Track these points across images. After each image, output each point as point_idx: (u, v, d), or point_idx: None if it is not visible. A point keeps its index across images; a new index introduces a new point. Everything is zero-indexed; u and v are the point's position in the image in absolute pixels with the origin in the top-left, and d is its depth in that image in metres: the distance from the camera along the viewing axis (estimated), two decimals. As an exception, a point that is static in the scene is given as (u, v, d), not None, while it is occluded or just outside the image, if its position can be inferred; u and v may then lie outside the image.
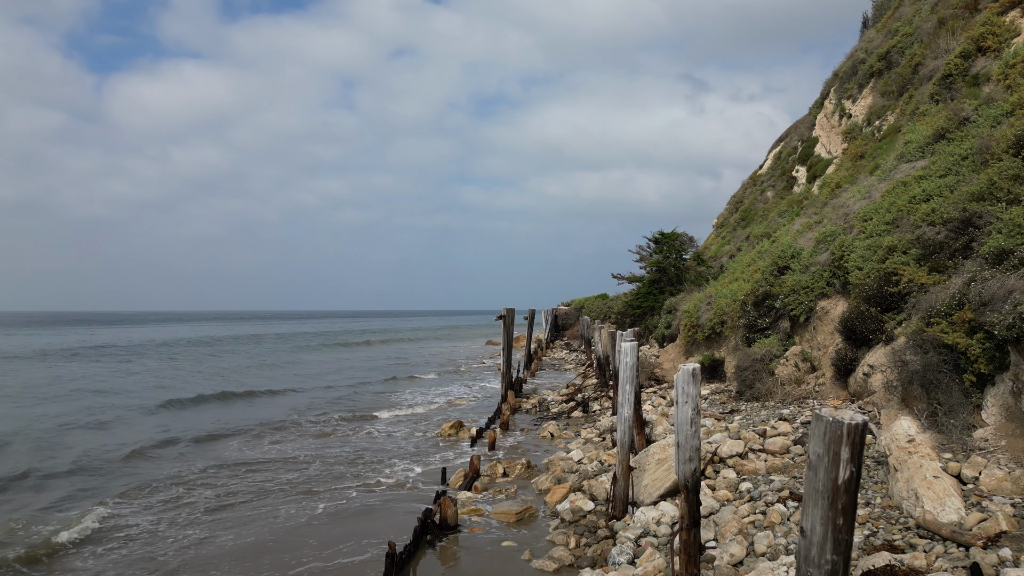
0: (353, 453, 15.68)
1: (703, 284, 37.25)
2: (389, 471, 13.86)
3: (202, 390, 27.15)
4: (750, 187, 61.85)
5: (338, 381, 32.44)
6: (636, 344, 9.84)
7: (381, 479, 13.21)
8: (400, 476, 13.42)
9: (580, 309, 59.46)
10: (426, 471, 13.73)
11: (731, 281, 22.98)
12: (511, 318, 22.94)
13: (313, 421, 20.49)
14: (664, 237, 39.75)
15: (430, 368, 40.13)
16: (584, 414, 19.70)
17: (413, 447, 16.04)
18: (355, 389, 28.81)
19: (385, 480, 13.11)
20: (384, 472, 13.77)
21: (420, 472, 13.72)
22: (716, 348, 20.71)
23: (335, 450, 16.09)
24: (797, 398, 15.09)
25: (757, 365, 16.71)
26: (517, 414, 20.84)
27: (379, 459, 14.87)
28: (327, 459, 15.11)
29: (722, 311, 20.02)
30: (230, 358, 47.04)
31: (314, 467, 14.38)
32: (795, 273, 18.15)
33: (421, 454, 15.22)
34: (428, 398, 25.27)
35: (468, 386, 28.45)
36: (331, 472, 13.97)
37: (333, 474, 13.77)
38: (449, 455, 15.13)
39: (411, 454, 15.24)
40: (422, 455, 15.14)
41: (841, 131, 34.75)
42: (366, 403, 24.56)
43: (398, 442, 16.85)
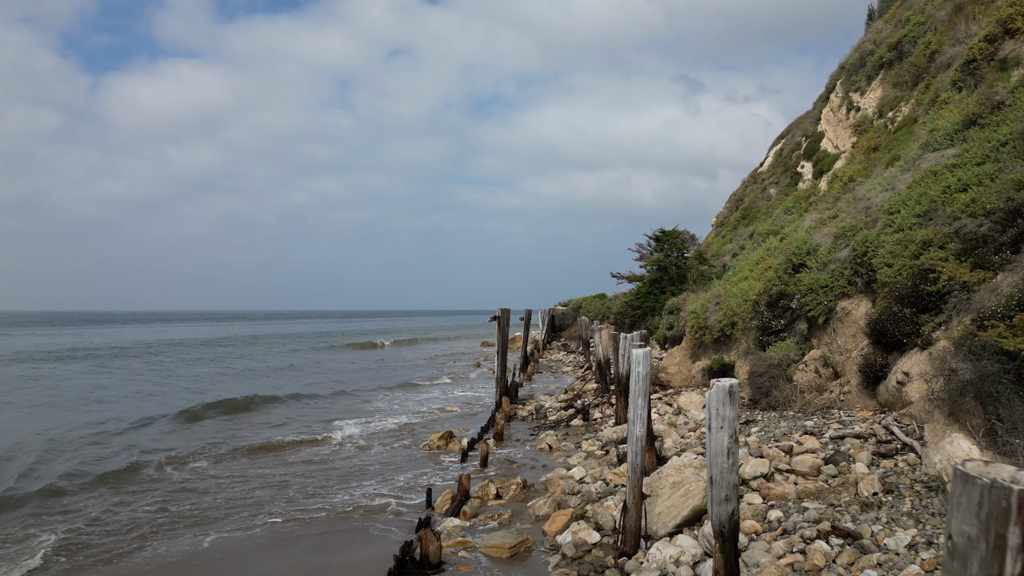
0: (329, 469, 14.25)
1: (706, 283, 35.96)
2: (367, 491, 12.45)
3: (189, 401, 25.63)
4: (751, 185, 60.66)
5: (320, 385, 30.99)
6: (649, 351, 8.45)
7: (358, 500, 11.80)
8: (380, 497, 12.01)
9: (577, 309, 58.10)
10: (410, 490, 12.32)
11: (740, 280, 21.63)
12: (506, 319, 21.56)
13: (285, 430, 19.05)
14: (665, 235, 38.40)
15: (421, 371, 38.71)
16: (584, 422, 18.32)
17: (398, 461, 14.62)
18: (337, 393, 27.37)
19: (363, 502, 11.70)
20: (362, 492, 12.36)
21: (403, 491, 12.31)
22: (725, 351, 19.35)
23: (304, 466, 14.64)
24: (820, 408, 13.72)
25: (774, 371, 15.35)
26: (513, 422, 19.45)
27: (359, 476, 13.44)
28: (296, 475, 13.68)
29: (732, 312, 18.66)
30: (223, 361, 45.52)
31: (279, 488, 12.93)
32: (812, 271, 16.81)
33: (405, 470, 13.80)
34: (417, 404, 23.84)
35: (461, 391, 27.04)
36: (303, 490, 12.56)
37: (305, 492, 12.36)
38: (436, 471, 13.72)
39: (395, 470, 13.82)
40: (406, 471, 13.72)
41: (850, 124, 33.43)
42: (348, 409, 23.12)
43: (382, 456, 15.42)
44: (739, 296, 18.95)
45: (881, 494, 8.84)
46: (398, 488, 12.38)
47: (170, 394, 27.32)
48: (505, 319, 21.25)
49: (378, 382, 31.54)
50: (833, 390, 14.04)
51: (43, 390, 29.00)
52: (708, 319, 19.71)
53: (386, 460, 14.75)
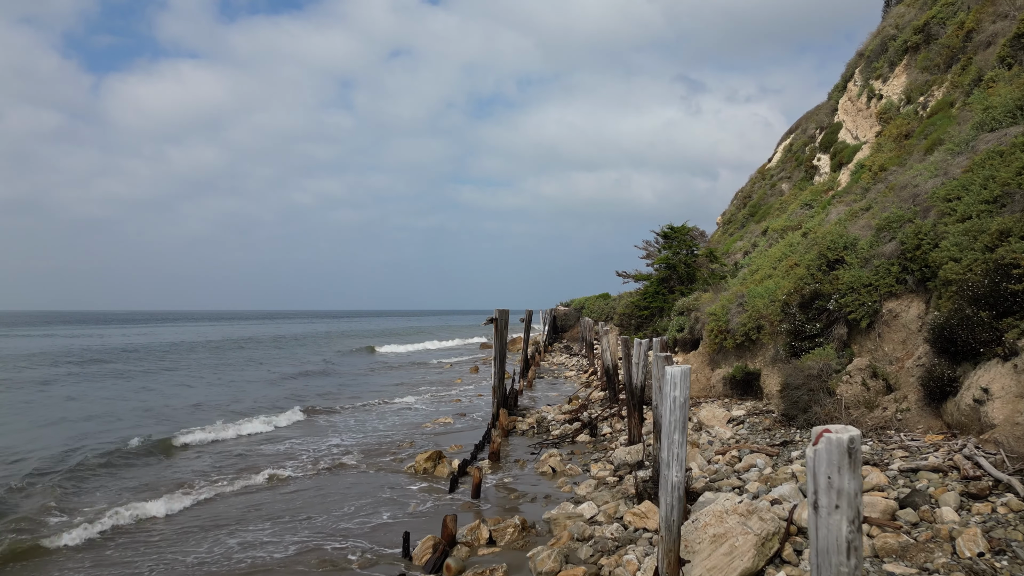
0: (291, 496, 12.18)
1: (717, 282, 33.94)
2: (334, 528, 10.39)
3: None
4: (759, 181, 58.84)
5: (305, 391, 28.97)
6: (688, 370, 6.39)
7: (320, 542, 9.74)
8: (349, 538, 9.93)
9: (580, 310, 56.09)
10: (386, 530, 10.25)
11: (762, 278, 19.56)
12: (504, 321, 19.48)
13: (244, 453, 17.00)
14: (673, 232, 36.33)
15: (414, 375, 36.66)
16: (592, 438, 16.26)
17: (375, 490, 12.54)
18: (317, 401, 25.32)
19: (325, 545, 9.62)
20: (328, 529, 10.29)
21: (377, 531, 10.25)
22: (749, 358, 17.28)
23: (260, 495, 12.58)
24: (873, 427, 11.65)
25: (813, 383, 13.27)
26: (511, 436, 17.40)
27: (325, 508, 11.36)
28: (244, 507, 11.61)
29: (758, 314, 16.59)
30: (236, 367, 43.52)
31: (213, 528, 10.86)
32: (852, 268, 14.74)
33: (383, 501, 11.71)
34: (407, 414, 21.77)
35: (456, 399, 24.97)
36: (253, 527, 10.50)
37: (254, 532, 10.31)
38: (420, 503, 11.64)
39: (370, 502, 11.73)
40: (384, 504, 11.64)
41: (873, 113, 31.35)
42: (325, 420, 21.07)
43: (358, 481, 13.34)
44: (765, 296, 16.88)
45: (989, 554, 6.78)
46: (371, 528, 10.29)
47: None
48: (503, 321, 19.18)
49: (367, 388, 29.48)
50: (887, 407, 11.96)
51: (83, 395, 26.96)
52: (730, 322, 17.64)
53: (362, 488, 12.66)
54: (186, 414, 22.14)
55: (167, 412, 22.70)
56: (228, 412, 22.31)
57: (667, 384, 6.23)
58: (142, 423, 20.32)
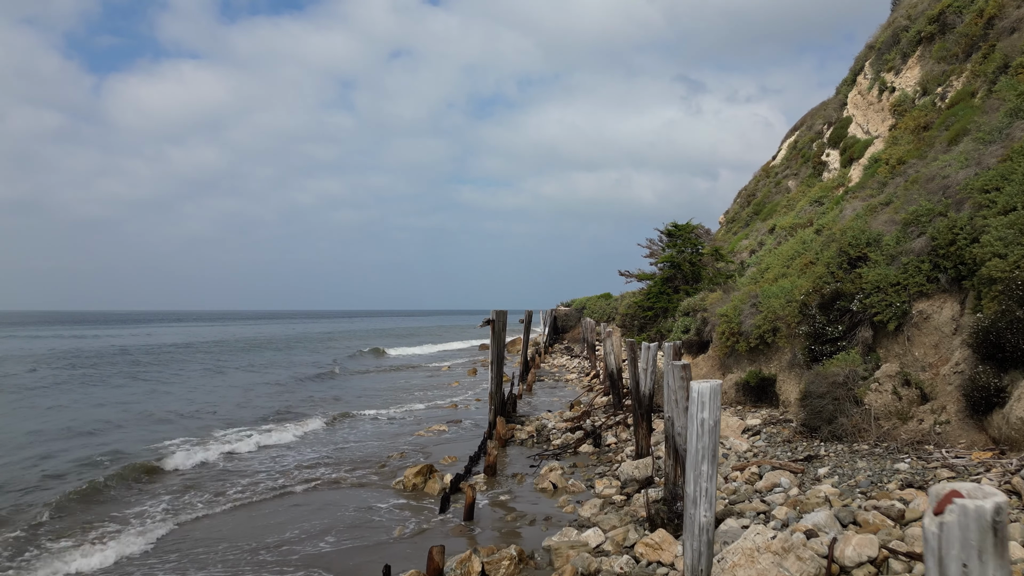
0: (260, 522, 11.08)
1: (723, 281, 32.86)
2: (310, 556, 9.28)
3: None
4: (763, 179, 57.86)
5: (291, 398, 27.88)
6: (719, 387, 5.28)
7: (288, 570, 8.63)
8: (320, 571, 8.82)
9: (581, 310, 55.00)
10: (362, 559, 9.14)
11: (775, 277, 18.47)
12: (502, 323, 18.36)
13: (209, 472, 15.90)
14: (678, 229, 35.19)
15: (409, 379, 35.56)
16: (596, 448, 15.15)
17: (357, 510, 11.42)
18: (304, 408, 24.20)
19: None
20: (300, 560, 9.18)
21: (355, 555, 9.15)
22: (764, 362, 16.17)
23: (232, 517, 11.47)
24: (909, 442, 10.53)
25: (837, 391, 12.15)
26: (510, 446, 16.29)
27: (300, 534, 10.25)
28: (211, 535, 10.50)
29: (774, 315, 15.47)
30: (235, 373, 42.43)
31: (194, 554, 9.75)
32: (877, 265, 13.64)
33: (364, 524, 10.56)
34: (399, 422, 20.65)
35: (452, 405, 23.86)
36: (220, 558, 9.40)
37: (219, 563, 9.20)
38: (407, 526, 10.52)
39: (349, 526, 10.59)
40: (365, 527, 10.51)
41: (886, 106, 30.23)
42: (309, 435, 19.97)
43: (340, 500, 12.23)
44: (781, 296, 15.77)
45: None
46: (349, 557, 9.17)
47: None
48: (501, 323, 18.06)
49: (357, 393, 28.34)
50: (923, 418, 10.83)
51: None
52: (742, 324, 16.52)
53: (343, 508, 11.53)
54: (172, 426, 21.06)
55: (154, 421, 21.62)
56: (209, 423, 21.23)
57: (694, 404, 5.13)
58: (127, 436, 19.22)
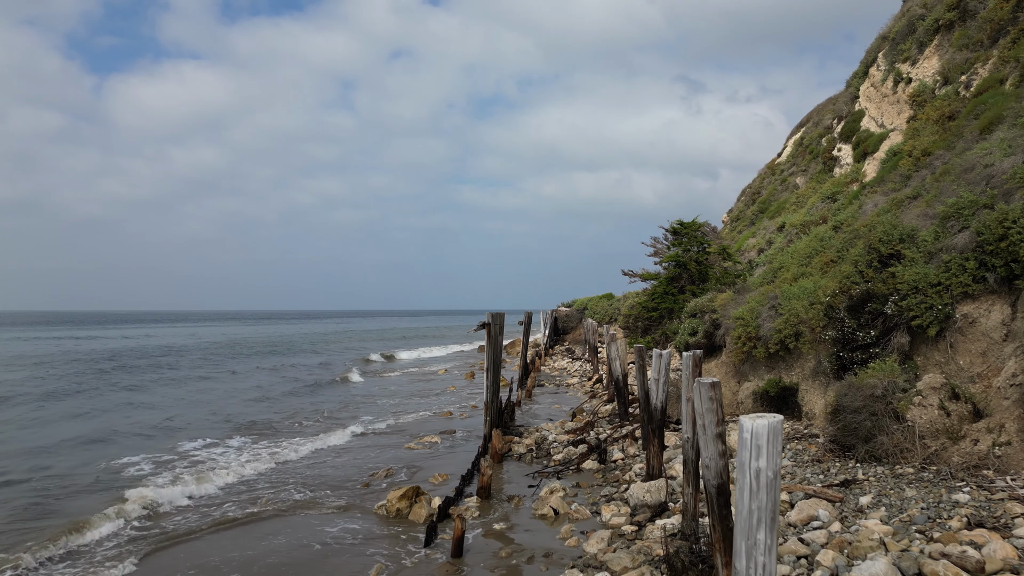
0: (230, 552, 9.73)
1: (731, 281, 31.54)
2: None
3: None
4: (768, 177, 56.67)
5: (266, 410, 26.56)
6: (779, 427, 3.92)
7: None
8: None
9: (582, 311, 53.68)
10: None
11: (794, 277, 17.11)
12: (499, 326, 17.00)
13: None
14: (684, 227, 33.84)
15: (402, 384, 34.22)
16: (601, 465, 13.80)
17: (330, 541, 10.04)
18: (274, 420, 22.84)
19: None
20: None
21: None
22: (784, 369, 14.80)
23: (188, 547, 10.11)
24: (963, 467, 9.18)
25: (875, 405, 10.80)
26: (507, 461, 14.95)
27: (266, 573, 8.89)
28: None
29: (796, 318, 14.10)
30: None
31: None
32: (914, 264, 12.29)
33: (337, 568, 9.19)
34: (388, 433, 19.30)
35: (447, 413, 22.49)
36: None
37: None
38: (385, 564, 9.16)
39: (319, 561, 9.24)
40: (332, 566, 9.15)
41: (903, 97, 28.87)
42: (285, 450, 18.63)
43: (312, 525, 10.87)
44: (803, 298, 14.41)
45: None
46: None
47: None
48: (497, 326, 16.68)
49: (344, 401, 26.93)
50: (978, 438, 9.47)
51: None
52: (760, 327, 15.15)
53: (317, 539, 10.16)
54: (141, 442, 19.74)
55: (132, 433, 20.29)
56: (177, 437, 19.90)
57: (746, 448, 3.77)
58: (81, 460, 17.89)
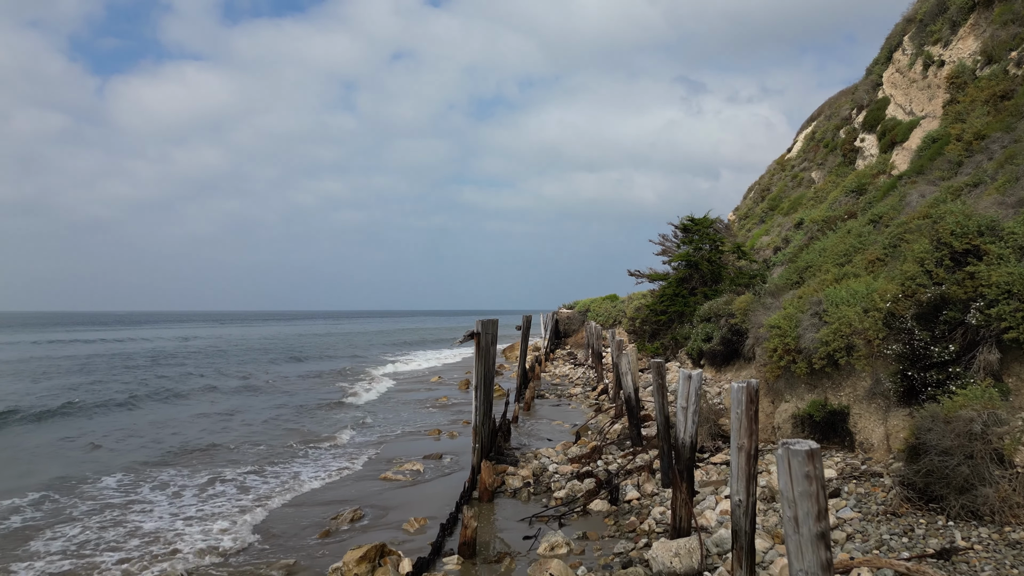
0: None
1: (748, 282, 29.12)
2: None
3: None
4: (777, 173, 54.42)
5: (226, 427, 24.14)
6: None
7: None
8: None
9: (585, 313, 51.28)
10: None
11: (835, 279, 14.67)
12: (491, 335, 14.59)
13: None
14: (695, 224, 31.41)
15: (392, 392, 31.81)
16: (613, 507, 11.39)
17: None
18: (229, 441, 20.36)
19: None
20: None
21: None
22: (831, 388, 12.36)
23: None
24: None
25: (972, 445, 8.40)
26: (499, 497, 12.54)
27: None
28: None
29: (849, 328, 11.66)
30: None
31: None
32: (1004, 262, 9.88)
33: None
34: (362, 458, 16.86)
35: (434, 430, 20.02)
36: None
37: None
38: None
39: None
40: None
41: (935, 81, 26.44)
42: (237, 481, 16.23)
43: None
44: (855, 303, 11.97)
45: None
46: None
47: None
48: (489, 336, 14.24)
49: (323, 414, 24.50)
50: None
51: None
52: (800, 338, 12.69)
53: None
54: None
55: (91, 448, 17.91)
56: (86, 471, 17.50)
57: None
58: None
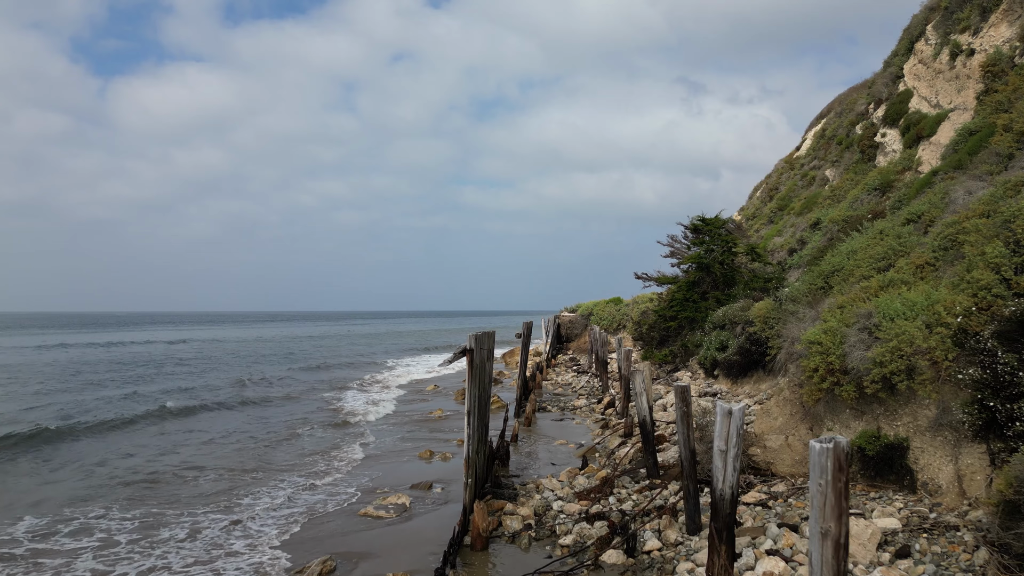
0: None
1: (763, 286, 27.28)
2: None
3: None
4: (786, 172, 52.77)
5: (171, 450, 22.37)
6: None
7: None
8: None
9: (587, 316, 49.48)
10: None
11: (881, 287, 12.82)
12: (487, 350, 12.79)
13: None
14: (706, 224, 29.59)
15: (381, 403, 29.99)
16: (630, 559, 9.57)
17: None
18: (172, 468, 18.47)
19: None
20: None
21: None
22: (884, 416, 10.53)
23: None
24: None
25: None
26: (495, 541, 10.73)
27: None
28: None
29: (910, 346, 9.83)
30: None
31: None
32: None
33: None
34: (343, 485, 15.05)
35: (426, 452, 18.13)
36: None
37: None
38: None
39: None
40: None
41: (968, 70, 24.64)
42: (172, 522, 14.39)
43: None
44: (915, 317, 10.14)
45: None
46: None
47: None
48: (484, 352, 12.40)
49: (308, 432, 22.68)
50: None
51: None
52: (847, 357, 10.86)
53: None
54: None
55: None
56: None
57: None
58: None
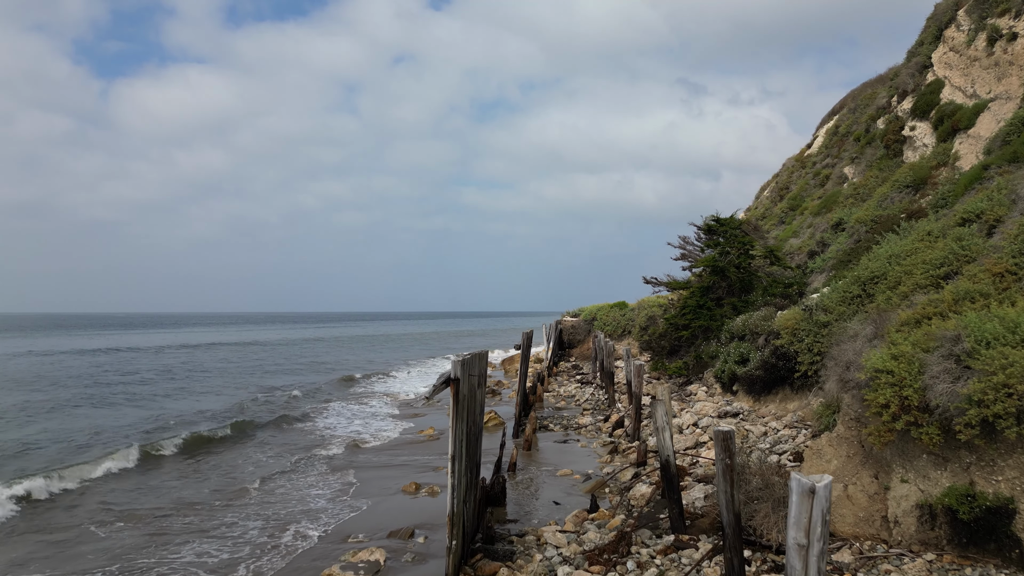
0: None
1: (784, 292, 25.07)
2: None
3: None
4: (797, 170, 50.58)
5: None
6: None
7: None
8: None
9: (591, 321, 47.26)
10: None
11: (957, 299, 10.59)
12: (479, 374, 10.59)
13: None
14: (721, 225, 27.40)
15: (365, 426, 27.82)
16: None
17: None
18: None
19: None
20: None
21: None
22: (979, 468, 8.31)
23: None
24: None
25: None
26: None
27: None
28: None
29: (1020, 380, 7.63)
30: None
31: None
32: None
33: None
34: (296, 551, 12.83)
35: (411, 486, 15.88)
36: None
37: None
38: None
39: None
40: None
41: (1010, 56, 22.45)
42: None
43: None
44: (1021, 340, 7.93)
45: None
46: None
47: None
48: (476, 377, 10.19)
49: (284, 465, 20.43)
50: None
51: None
52: (929, 389, 8.63)
53: None
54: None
55: None
56: None
57: None
58: None
